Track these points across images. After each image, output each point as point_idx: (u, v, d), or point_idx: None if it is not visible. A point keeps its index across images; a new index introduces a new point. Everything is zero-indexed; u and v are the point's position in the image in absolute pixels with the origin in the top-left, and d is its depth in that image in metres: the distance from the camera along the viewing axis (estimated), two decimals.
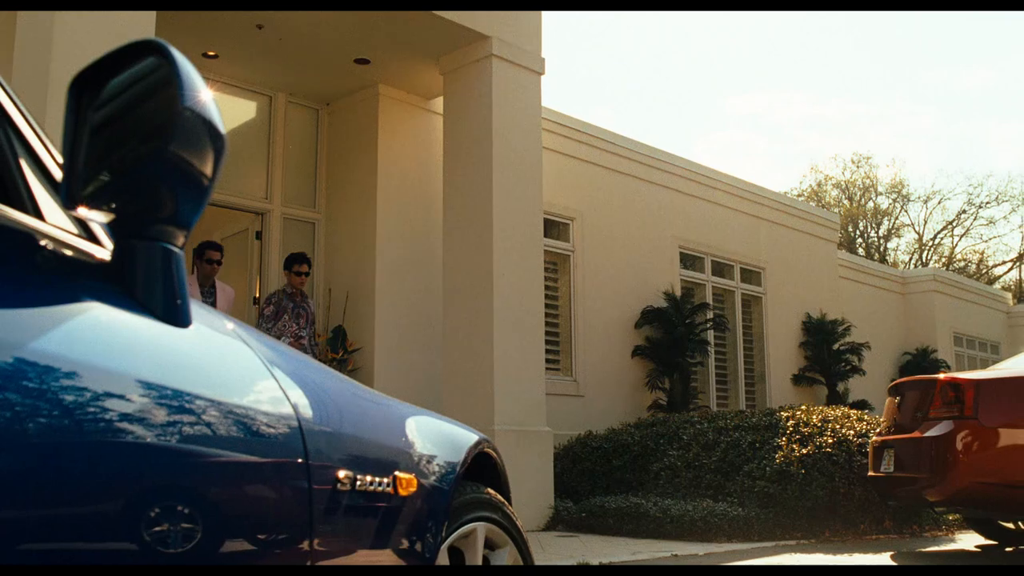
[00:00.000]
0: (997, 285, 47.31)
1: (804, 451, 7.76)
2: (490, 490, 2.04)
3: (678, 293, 12.09)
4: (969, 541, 7.42)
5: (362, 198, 9.21)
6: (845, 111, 57.13)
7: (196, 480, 1.02)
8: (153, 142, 0.97)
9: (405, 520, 1.59)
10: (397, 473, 1.54)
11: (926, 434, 6.06)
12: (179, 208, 1.05)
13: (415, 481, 1.60)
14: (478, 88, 8.47)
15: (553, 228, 10.77)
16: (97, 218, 1.00)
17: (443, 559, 1.83)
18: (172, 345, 1.08)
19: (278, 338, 6.99)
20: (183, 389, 1.02)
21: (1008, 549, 6.91)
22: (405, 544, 1.61)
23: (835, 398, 14.35)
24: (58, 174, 1.04)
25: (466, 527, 1.89)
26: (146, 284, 1.07)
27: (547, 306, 10.03)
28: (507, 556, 2.05)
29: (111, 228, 1.07)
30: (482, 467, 2.15)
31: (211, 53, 8.49)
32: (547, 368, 9.45)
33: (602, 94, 57.52)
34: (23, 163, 0.97)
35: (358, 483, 1.38)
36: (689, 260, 12.91)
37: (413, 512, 1.63)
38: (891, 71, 57.46)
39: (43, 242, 0.95)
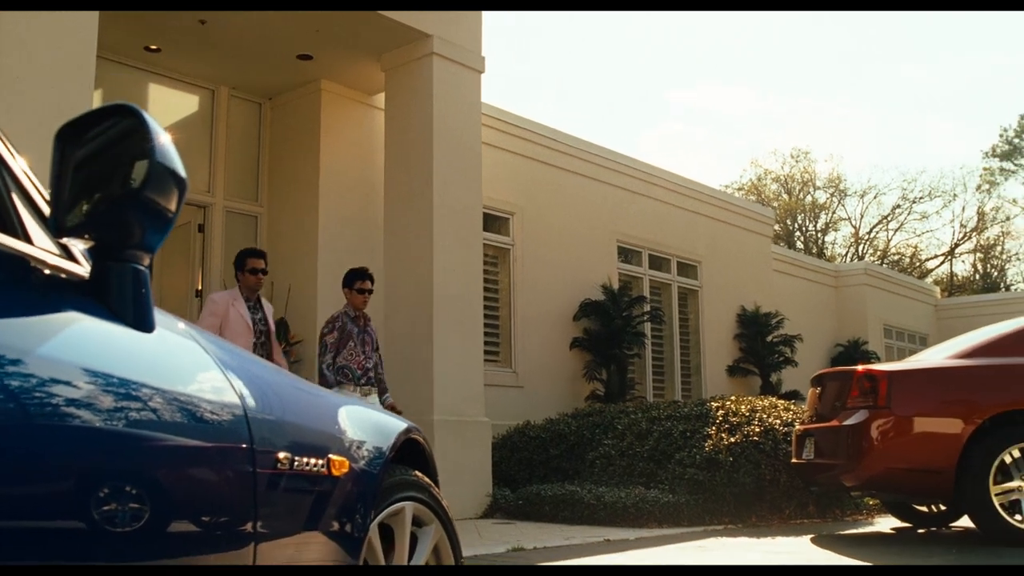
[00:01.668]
0: (929, 279, 48.56)
1: (732, 440, 8.08)
2: (418, 473, 2.25)
3: (616, 286, 12.37)
4: (886, 524, 7.78)
5: (304, 192, 9.33)
6: (786, 106, 58.07)
7: (156, 461, 1.22)
8: (128, 187, 1.18)
9: (339, 498, 1.78)
10: (331, 456, 1.74)
11: (844, 423, 6.38)
12: (147, 236, 1.27)
13: (347, 463, 1.80)
14: (419, 85, 8.64)
15: (494, 222, 10.98)
16: (78, 244, 1.20)
17: (374, 534, 2.03)
18: (139, 347, 1.28)
19: (340, 369, 6.65)
20: (147, 383, 1.22)
21: (921, 531, 7.27)
22: (339, 520, 1.80)
23: (769, 389, 14.77)
24: (44, 208, 1.23)
25: (395, 506, 2.09)
26: (119, 297, 1.28)
27: (487, 299, 10.24)
28: (433, 533, 2.26)
29: (90, 252, 1.28)
30: (412, 453, 2.35)
31: (153, 47, 8.55)
32: (487, 360, 9.67)
33: (545, 89, 57.81)
34: (15, 198, 1.16)
35: (296, 464, 1.58)
36: (627, 254, 13.20)
37: (346, 491, 1.82)
38: (831, 66, 58.48)
39: (33, 263, 1.15)
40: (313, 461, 1.66)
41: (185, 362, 1.40)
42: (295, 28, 8.24)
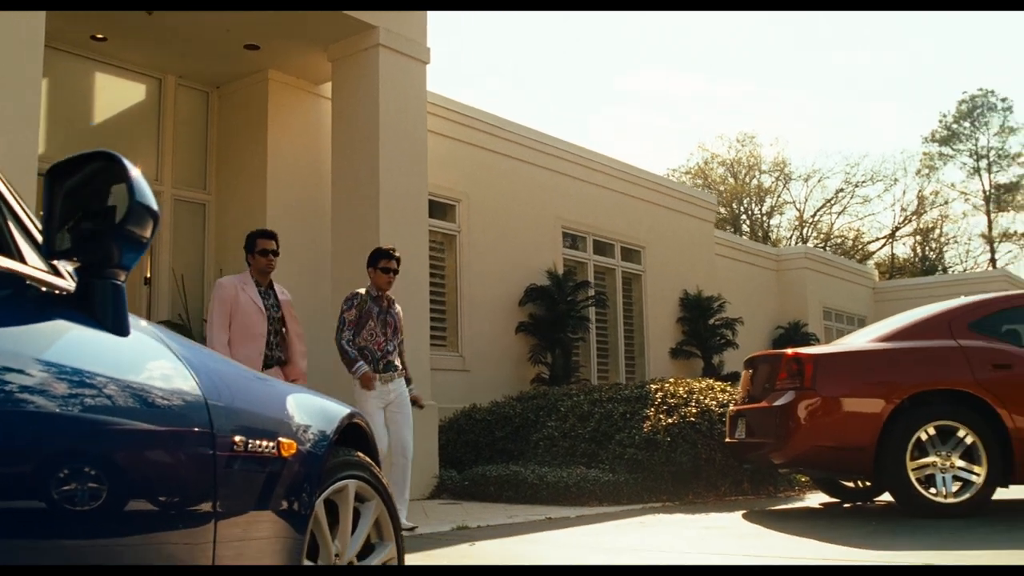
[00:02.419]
0: (871, 261, 49.62)
1: (670, 421, 8.39)
2: (359, 453, 2.47)
3: (560, 271, 12.64)
4: (815, 500, 8.15)
5: (252, 180, 9.45)
6: (733, 91, 58.77)
7: (132, 444, 1.44)
8: (110, 220, 1.40)
9: (287, 476, 2.00)
10: (280, 439, 1.96)
11: (773, 404, 6.70)
12: (124, 258, 1.50)
13: (295, 445, 2.01)
14: (366, 76, 8.79)
15: (440, 209, 11.17)
16: (66, 265, 1.41)
17: (320, 509, 2.24)
18: (117, 349, 1.50)
19: (360, 351, 6.42)
20: (123, 379, 1.44)
21: (847, 505, 7.64)
22: (288, 496, 2.02)
23: (711, 370, 15.16)
24: (37, 234, 1.45)
25: (339, 483, 2.31)
26: (100, 308, 1.51)
27: (434, 284, 10.45)
28: (374, 508, 2.48)
29: (76, 271, 1.49)
30: (354, 435, 2.57)
31: (99, 36, 8.60)
32: (434, 344, 9.90)
33: (494, 74, 57.88)
34: (12, 226, 1.37)
35: (250, 446, 1.79)
36: (572, 239, 13.47)
37: (294, 471, 2.04)
38: (777, 52, 59.26)
39: (28, 280, 1.36)
40: (265, 443, 1.87)
41: (155, 360, 1.62)
42: (242, 19, 8.34)
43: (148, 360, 1.61)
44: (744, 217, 49.15)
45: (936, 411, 6.35)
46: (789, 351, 6.96)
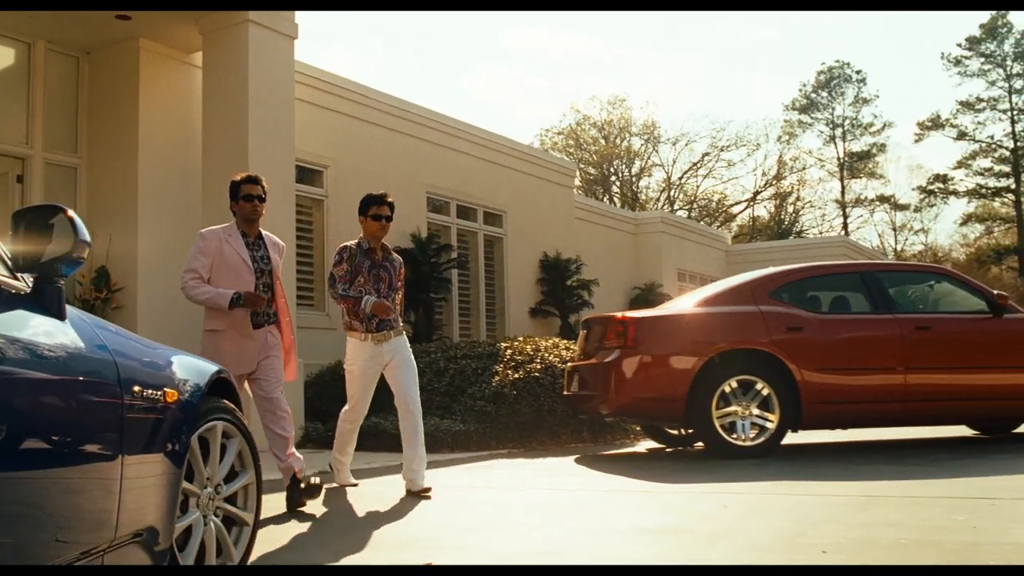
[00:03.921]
0: (734, 223, 51.87)
1: (517, 376, 9.24)
2: (225, 401, 3.17)
3: (424, 235, 13.33)
4: (644, 446, 9.15)
5: (124, 145, 9.79)
6: (611, 52, 60.03)
7: (68, 390, 2.11)
8: (61, 250, 2.07)
9: (171, 418, 2.68)
10: (165, 389, 2.64)
11: (602, 360, 7.61)
12: (64, 271, 2.16)
13: (176, 394, 2.70)
14: (235, 49, 9.25)
15: (308, 175, 11.71)
16: (27, 275, 2.08)
17: (195, 444, 2.93)
18: (57, 328, 2.17)
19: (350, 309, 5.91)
20: (60, 346, 2.12)
21: (669, 450, 8.65)
22: (172, 432, 2.70)
23: (567, 329, 16.13)
24: (5, 255, 2.11)
25: (209, 423, 3.01)
26: (48, 302, 2.18)
27: (301, 247, 11.02)
28: (237, 443, 3.20)
29: (34, 279, 2.14)
30: (223, 388, 3.25)
31: None
32: (302, 304, 10.50)
33: (377, 32, 57.57)
34: None
35: (145, 394, 2.48)
36: (436, 204, 14.17)
37: (175, 414, 2.72)
38: (658, 15, 60.69)
39: (1, 285, 2.02)
40: (156, 393, 2.56)
41: (82, 334, 2.28)
42: None
43: (77, 334, 2.26)
44: (614, 179, 50.61)
45: (739, 367, 7.36)
46: (618, 314, 7.87)
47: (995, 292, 8.12)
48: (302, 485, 5.41)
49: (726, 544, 3.78)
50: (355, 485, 6.34)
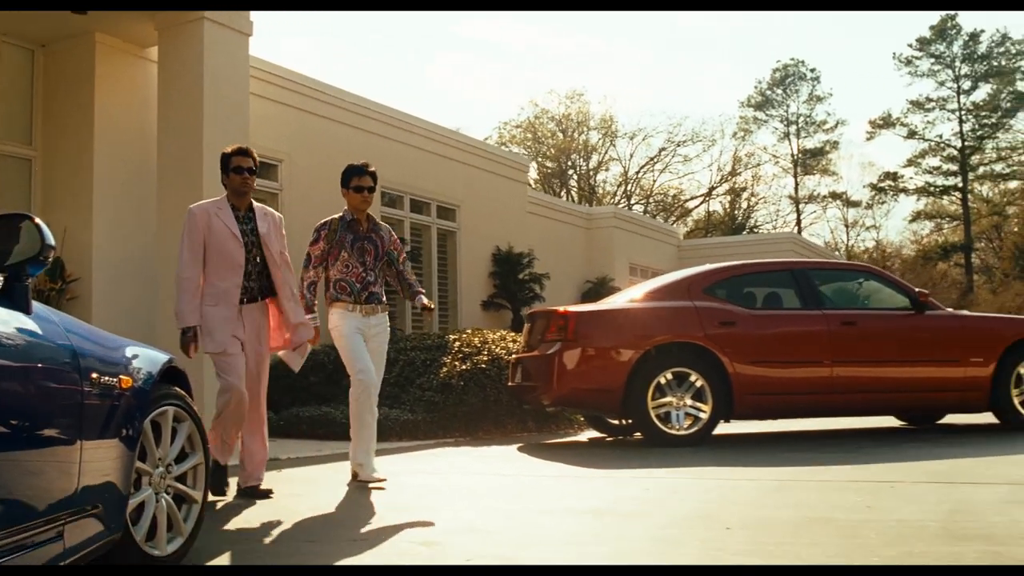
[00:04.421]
0: (690, 218, 52.52)
1: (464, 367, 9.54)
2: (177, 388, 3.43)
3: None
4: (586, 436, 9.49)
5: (79, 137, 9.93)
6: (575, 43, 60.37)
7: (33, 376, 2.37)
8: (28, 252, 2.33)
9: (126, 403, 2.95)
10: (121, 376, 2.91)
11: (543, 353, 7.93)
12: (31, 271, 2.43)
13: (130, 381, 2.97)
14: (190, 46, 9.44)
15: (263, 169, 11.85)
16: None
17: (148, 427, 3.20)
18: (24, 320, 2.43)
19: (337, 283, 5.84)
20: (27, 336, 2.38)
21: (609, 439, 9.00)
22: (127, 417, 2.96)
23: (519, 322, 16.42)
24: None
25: (161, 408, 3.28)
26: (15, 298, 2.44)
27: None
28: (187, 427, 3.47)
29: (3, 278, 2.40)
30: (175, 376, 3.52)
31: None
32: None
33: (337, 21, 57.43)
34: None
35: (102, 380, 2.74)
36: (390, 198, 14.40)
37: (130, 399, 2.99)
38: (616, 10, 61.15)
39: None
40: (112, 379, 2.82)
41: (46, 326, 2.54)
42: None
43: (42, 326, 2.52)
44: (572, 172, 51.00)
45: (674, 360, 7.71)
46: (560, 308, 8.19)
47: (917, 290, 8.55)
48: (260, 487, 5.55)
49: (640, 522, 4.11)
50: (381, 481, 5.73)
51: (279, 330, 5.64)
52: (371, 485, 5.60)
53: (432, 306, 5.99)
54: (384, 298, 5.99)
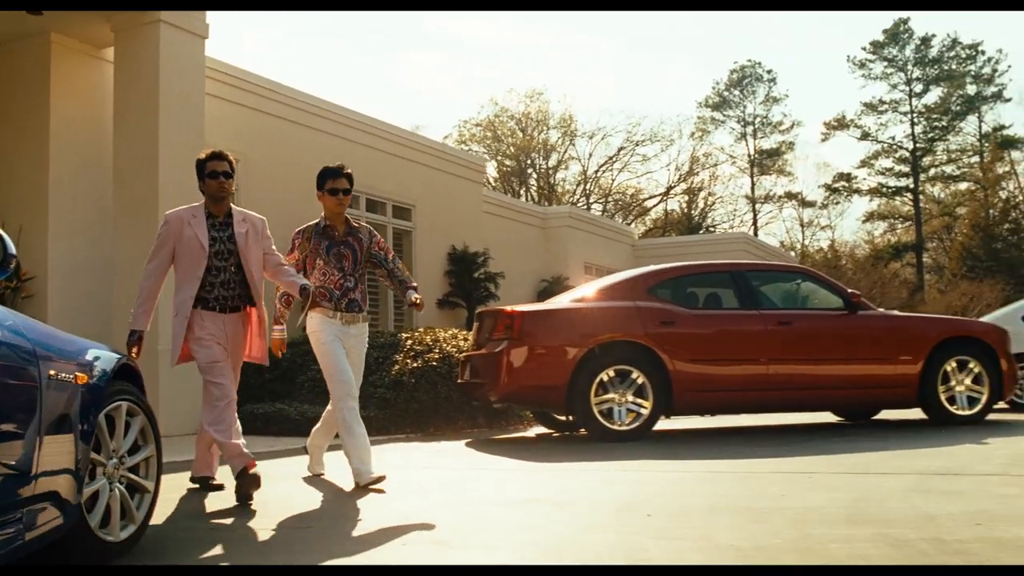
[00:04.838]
0: (648, 217, 53.01)
1: (416, 365, 9.78)
2: (129, 384, 3.66)
3: None
4: (535, 432, 9.77)
5: (35, 137, 10.04)
6: (535, 42, 60.72)
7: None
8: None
9: (82, 398, 3.17)
10: (76, 372, 3.13)
11: (491, 351, 8.19)
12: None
13: (86, 377, 3.19)
14: (146, 47, 9.59)
15: None
16: None
17: (102, 421, 3.42)
18: None
19: (318, 290, 5.63)
20: None
21: (556, 435, 9.28)
22: (83, 410, 3.18)
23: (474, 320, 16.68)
24: None
25: (115, 403, 3.50)
26: None
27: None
28: (139, 421, 3.69)
29: None
30: (129, 373, 3.74)
31: None
32: None
33: (302, 18, 57.24)
34: None
35: (60, 376, 2.96)
36: None
37: (85, 394, 3.21)
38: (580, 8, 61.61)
39: None
40: (69, 376, 3.05)
41: (7, 323, 2.76)
42: None
43: (4, 325, 2.74)
44: (531, 171, 51.30)
45: (616, 357, 8.00)
46: (507, 308, 8.45)
47: (850, 291, 8.92)
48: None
49: (570, 510, 4.39)
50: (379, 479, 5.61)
51: (259, 339, 5.60)
52: (371, 487, 5.54)
53: (421, 303, 5.87)
54: (365, 307, 5.87)
